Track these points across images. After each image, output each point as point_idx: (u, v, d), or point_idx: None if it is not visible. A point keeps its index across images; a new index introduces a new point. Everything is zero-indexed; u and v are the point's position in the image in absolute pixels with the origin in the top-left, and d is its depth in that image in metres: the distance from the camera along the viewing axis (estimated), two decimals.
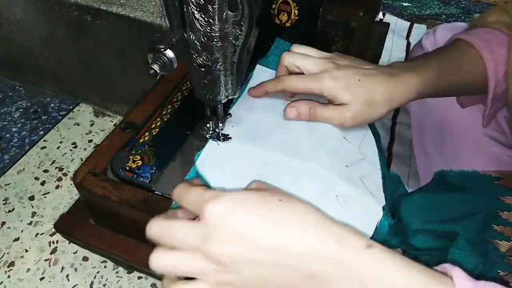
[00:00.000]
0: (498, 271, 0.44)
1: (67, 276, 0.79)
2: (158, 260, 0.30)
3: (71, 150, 1.02)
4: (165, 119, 0.55)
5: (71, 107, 1.13)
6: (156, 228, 0.31)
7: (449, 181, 0.57)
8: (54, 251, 0.82)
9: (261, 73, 0.57)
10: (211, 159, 0.45)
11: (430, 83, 0.46)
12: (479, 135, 0.59)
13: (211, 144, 0.47)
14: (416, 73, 0.46)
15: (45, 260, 0.81)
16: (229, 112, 0.50)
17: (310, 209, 0.30)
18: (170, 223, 0.31)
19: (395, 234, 0.53)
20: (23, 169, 0.97)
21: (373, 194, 0.43)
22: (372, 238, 0.40)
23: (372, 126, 0.61)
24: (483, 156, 0.58)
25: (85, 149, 1.03)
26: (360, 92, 0.44)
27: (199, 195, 0.31)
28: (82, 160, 0.99)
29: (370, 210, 0.42)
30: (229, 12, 0.35)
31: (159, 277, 0.49)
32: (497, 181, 0.54)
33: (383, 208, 0.42)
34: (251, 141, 0.47)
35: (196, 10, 0.34)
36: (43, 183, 0.94)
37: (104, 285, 0.77)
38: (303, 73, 0.47)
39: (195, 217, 0.34)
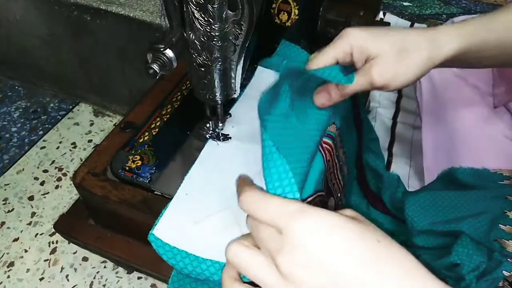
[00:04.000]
0: (503, 271, 0.44)
1: (67, 276, 0.78)
2: (234, 251, 0.27)
3: (70, 150, 1.02)
4: (165, 119, 0.55)
5: (70, 107, 1.13)
6: (247, 206, 0.27)
7: (457, 179, 0.56)
8: (53, 251, 0.82)
9: (262, 74, 0.57)
10: (211, 159, 0.45)
11: (474, 35, 0.40)
12: (494, 133, 0.58)
13: (210, 144, 0.47)
14: (457, 25, 0.40)
15: (45, 260, 0.81)
16: (229, 112, 0.50)
17: (408, 256, 0.25)
18: (259, 217, 0.26)
19: (398, 234, 0.53)
20: (23, 169, 0.97)
21: None
22: None
23: (370, 130, 0.60)
24: (497, 154, 0.57)
25: (84, 149, 1.02)
26: (390, 39, 0.39)
27: (282, 206, 0.25)
28: (81, 160, 0.99)
29: None
30: (229, 12, 0.35)
31: (159, 277, 0.49)
32: (508, 180, 0.53)
33: None
34: (251, 141, 0.47)
35: (195, 9, 0.34)
36: (42, 183, 0.94)
37: (104, 285, 0.77)
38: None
39: None
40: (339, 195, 0.50)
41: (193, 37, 0.37)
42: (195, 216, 0.40)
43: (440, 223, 0.49)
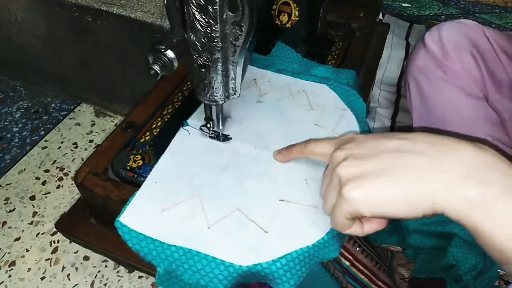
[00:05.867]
0: (498, 270, 0.45)
1: (68, 275, 0.79)
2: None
3: (72, 150, 1.02)
4: (166, 119, 0.55)
5: (72, 107, 1.14)
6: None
7: None
8: (55, 250, 0.83)
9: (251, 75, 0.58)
10: (181, 148, 0.46)
11: None
12: (482, 135, 0.59)
13: (181, 133, 0.48)
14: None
15: (46, 259, 0.81)
16: (230, 115, 0.50)
17: None
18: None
19: (392, 233, 0.53)
20: (24, 169, 0.97)
21: None
22: None
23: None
24: None
25: (86, 149, 1.03)
26: None
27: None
28: (83, 160, 0.99)
29: None
30: (229, 13, 0.36)
31: None
32: None
33: None
34: (238, 138, 0.48)
35: (196, 10, 0.35)
36: (44, 183, 0.95)
37: (105, 284, 0.78)
38: None
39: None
40: None
41: (194, 38, 0.37)
42: (163, 204, 0.41)
43: (431, 224, 0.50)
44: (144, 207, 0.41)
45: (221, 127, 0.48)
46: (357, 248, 0.45)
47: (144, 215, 0.40)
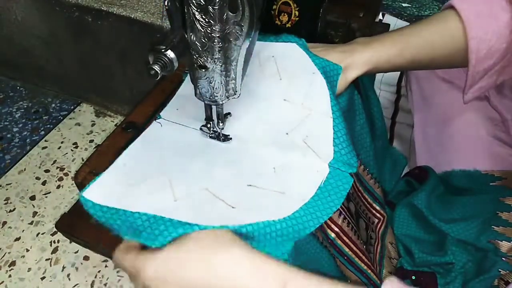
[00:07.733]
0: (499, 270, 0.45)
1: (68, 275, 0.79)
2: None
3: (72, 150, 1.02)
4: None
5: (72, 107, 1.14)
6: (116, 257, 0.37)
7: (452, 184, 0.57)
8: (55, 250, 0.83)
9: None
10: (153, 137, 0.47)
11: (385, 58, 0.47)
12: (484, 134, 0.59)
13: (154, 125, 0.48)
14: (370, 48, 0.47)
15: (46, 259, 0.81)
16: (229, 111, 0.50)
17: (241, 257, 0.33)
18: (123, 258, 0.36)
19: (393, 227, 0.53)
20: (24, 169, 0.97)
21: (317, 152, 0.44)
22: (317, 194, 0.40)
23: (380, 118, 0.60)
24: (488, 156, 0.57)
25: (86, 149, 1.03)
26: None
27: (134, 260, 0.35)
28: (83, 160, 1.00)
29: (313, 170, 0.42)
30: (230, 13, 0.36)
31: None
32: (499, 180, 0.54)
33: (330, 164, 0.42)
34: (194, 123, 0.48)
35: (196, 11, 0.35)
36: (44, 183, 0.95)
37: (105, 284, 0.78)
38: None
39: None
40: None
41: (194, 38, 0.37)
42: (130, 182, 0.41)
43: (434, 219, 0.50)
44: (110, 183, 0.41)
45: (221, 127, 0.48)
46: (343, 220, 0.45)
47: (110, 190, 0.40)
